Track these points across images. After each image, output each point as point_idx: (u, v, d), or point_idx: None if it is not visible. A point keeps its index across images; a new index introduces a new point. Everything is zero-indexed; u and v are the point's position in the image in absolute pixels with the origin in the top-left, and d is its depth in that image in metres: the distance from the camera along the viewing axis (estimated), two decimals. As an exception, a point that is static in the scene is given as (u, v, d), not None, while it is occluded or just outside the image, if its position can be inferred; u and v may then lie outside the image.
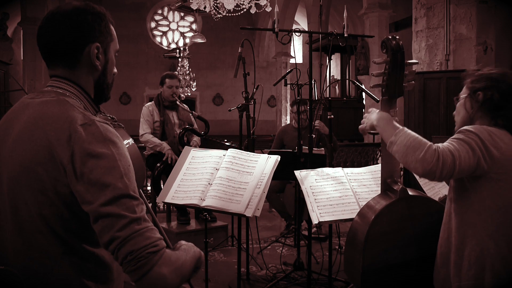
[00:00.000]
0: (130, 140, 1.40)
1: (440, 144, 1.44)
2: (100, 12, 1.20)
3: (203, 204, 2.21)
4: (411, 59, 6.29)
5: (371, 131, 1.67)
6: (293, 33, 2.89)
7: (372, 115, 1.65)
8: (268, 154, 2.45)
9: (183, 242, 1.25)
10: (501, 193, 1.45)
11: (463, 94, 1.64)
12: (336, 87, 10.31)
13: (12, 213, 1.10)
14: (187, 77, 12.01)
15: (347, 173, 2.40)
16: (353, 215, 1.82)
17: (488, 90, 1.55)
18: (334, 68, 13.54)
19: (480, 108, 1.57)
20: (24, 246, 1.09)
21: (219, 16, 8.05)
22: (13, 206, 1.09)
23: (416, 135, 1.48)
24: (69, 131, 1.05)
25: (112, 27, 1.24)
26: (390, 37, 1.63)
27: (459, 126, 1.64)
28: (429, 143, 1.43)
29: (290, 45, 2.96)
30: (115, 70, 1.28)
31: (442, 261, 1.58)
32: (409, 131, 1.50)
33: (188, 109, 4.21)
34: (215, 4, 7.78)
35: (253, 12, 7.48)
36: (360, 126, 1.73)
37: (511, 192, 1.45)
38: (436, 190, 2.43)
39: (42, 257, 1.08)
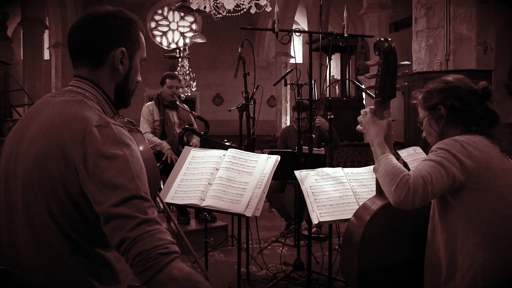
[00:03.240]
0: (146, 145, 1.40)
1: (413, 172, 1.44)
2: (131, 19, 1.23)
3: (203, 204, 2.21)
4: (411, 59, 6.30)
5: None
6: (293, 33, 2.89)
7: (370, 130, 1.63)
8: (268, 154, 2.45)
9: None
10: (482, 201, 1.44)
11: (423, 116, 1.65)
12: (336, 87, 10.31)
13: (24, 208, 1.11)
14: (187, 77, 12.01)
15: (347, 173, 2.40)
16: (353, 215, 1.82)
17: (446, 100, 1.56)
18: (334, 68, 13.53)
19: (447, 122, 1.58)
20: (34, 241, 1.10)
21: (219, 16, 8.05)
22: (26, 201, 1.11)
23: (394, 164, 1.48)
24: (84, 132, 1.07)
25: (141, 35, 1.26)
26: (382, 39, 1.62)
27: (435, 143, 1.62)
28: (404, 173, 1.43)
29: (290, 45, 2.96)
30: (139, 78, 1.29)
31: (431, 274, 1.57)
32: (389, 159, 1.51)
33: (188, 109, 4.21)
34: (215, 4, 7.79)
35: (253, 12, 7.49)
36: (358, 128, 1.72)
37: (492, 199, 1.44)
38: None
39: (50, 253, 1.09)
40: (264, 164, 2.32)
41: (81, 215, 1.09)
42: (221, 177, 2.29)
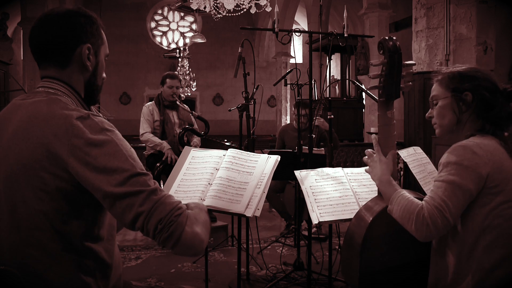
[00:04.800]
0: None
1: (426, 202, 1.37)
2: (92, 16, 1.25)
3: (203, 204, 2.21)
4: (411, 59, 6.30)
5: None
6: (293, 33, 2.88)
7: (377, 169, 1.58)
8: (268, 154, 2.45)
9: (191, 204, 1.27)
10: (493, 206, 1.40)
11: (443, 95, 1.56)
12: (336, 87, 10.31)
13: (9, 211, 1.11)
14: (187, 77, 12.01)
15: (347, 173, 2.39)
16: (353, 215, 1.81)
17: (477, 90, 1.49)
18: (334, 68, 13.54)
19: (472, 111, 1.50)
20: (22, 244, 1.09)
21: (219, 16, 8.05)
22: (10, 205, 1.10)
23: (406, 200, 1.43)
24: (66, 126, 1.08)
25: (103, 32, 1.28)
26: (387, 37, 1.57)
27: (446, 130, 1.57)
28: (417, 208, 1.37)
29: (290, 45, 2.96)
30: (104, 75, 1.31)
31: (435, 278, 1.55)
32: (401, 195, 1.45)
33: (188, 109, 4.21)
34: (215, 4, 7.79)
35: (253, 12, 7.48)
36: (366, 170, 1.67)
37: (502, 204, 1.40)
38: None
39: (40, 255, 1.09)
40: (264, 164, 2.32)
41: (72, 210, 1.09)
42: (221, 177, 2.29)
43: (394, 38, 1.58)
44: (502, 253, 1.41)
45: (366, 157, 1.64)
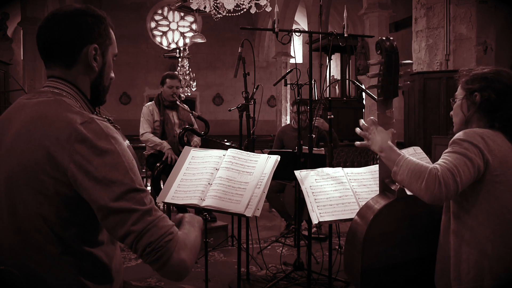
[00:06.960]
0: (127, 142, 1.40)
1: (438, 165, 1.42)
2: (100, 15, 1.21)
3: (203, 204, 2.21)
4: (411, 59, 6.30)
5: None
6: (293, 33, 2.89)
7: (377, 138, 1.60)
8: (268, 154, 2.45)
9: (186, 215, 1.26)
10: (496, 195, 1.45)
11: (460, 95, 1.64)
12: (336, 87, 10.31)
13: (9, 212, 1.10)
14: (187, 77, 12.01)
15: (347, 173, 2.39)
16: (353, 215, 1.82)
17: (484, 91, 1.55)
18: (334, 68, 13.54)
19: (477, 110, 1.57)
20: (22, 246, 1.09)
21: (219, 16, 8.05)
22: (11, 205, 1.09)
23: (416, 161, 1.46)
24: (69, 131, 1.06)
25: (111, 31, 1.25)
26: (384, 38, 1.63)
27: (457, 127, 1.64)
28: (429, 167, 1.41)
29: (290, 45, 2.96)
30: (113, 75, 1.29)
31: (442, 264, 1.58)
32: (409, 158, 1.48)
33: (188, 109, 4.21)
34: (215, 4, 7.78)
35: (253, 12, 7.48)
36: (359, 144, 1.69)
37: (505, 193, 1.45)
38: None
39: (39, 257, 1.08)
40: (264, 164, 2.32)
41: (71, 214, 1.08)
42: (221, 177, 2.29)
43: (391, 38, 1.62)
44: (506, 242, 1.44)
45: (360, 130, 1.65)
